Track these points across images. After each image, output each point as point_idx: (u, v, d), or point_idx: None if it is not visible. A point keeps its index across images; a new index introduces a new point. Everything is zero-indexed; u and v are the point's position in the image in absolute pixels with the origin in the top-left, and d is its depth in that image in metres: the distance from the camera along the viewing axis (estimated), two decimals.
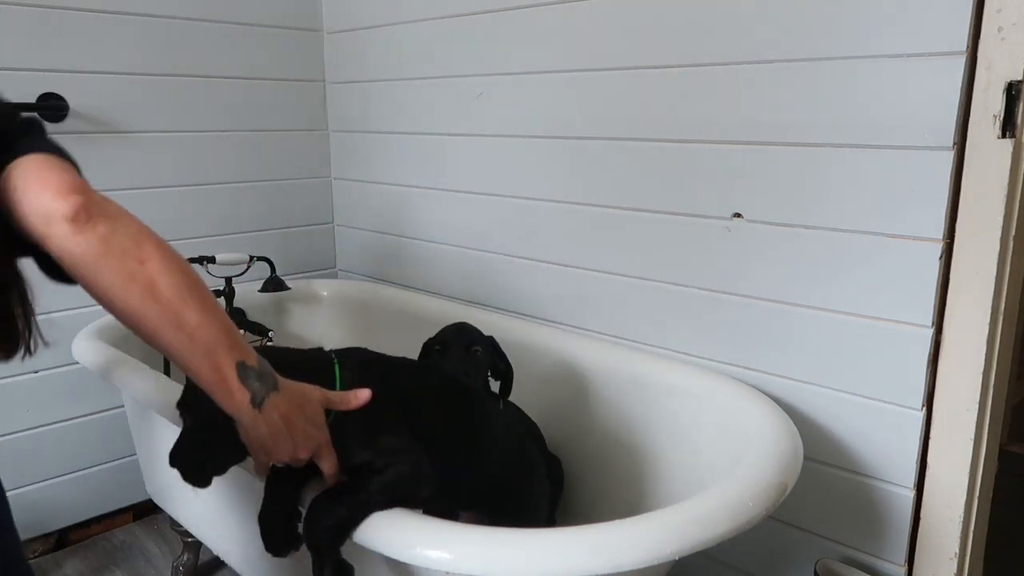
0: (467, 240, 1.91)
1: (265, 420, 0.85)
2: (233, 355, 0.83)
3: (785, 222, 1.33)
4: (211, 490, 1.34)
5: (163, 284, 0.78)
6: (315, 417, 0.91)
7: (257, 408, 0.84)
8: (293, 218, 2.26)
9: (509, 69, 1.73)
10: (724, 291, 1.42)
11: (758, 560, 1.45)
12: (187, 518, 1.61)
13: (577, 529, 0.89)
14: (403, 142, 2.05)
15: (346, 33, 2.16)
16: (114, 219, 0.77)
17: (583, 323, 1.68)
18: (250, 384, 0.84)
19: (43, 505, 1.89)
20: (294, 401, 0.89)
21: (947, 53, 1.11)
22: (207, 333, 0.81)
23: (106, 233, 0.76)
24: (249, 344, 0.87)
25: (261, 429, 0.86)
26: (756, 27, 1.31)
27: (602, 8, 1.53)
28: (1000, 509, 1.32)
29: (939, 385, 1.21)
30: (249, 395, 0.84)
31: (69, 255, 0.75)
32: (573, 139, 1.63)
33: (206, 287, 0.83)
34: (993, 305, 1.14)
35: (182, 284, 0.79)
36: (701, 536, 0.89)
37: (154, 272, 0.78)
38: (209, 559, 1.80)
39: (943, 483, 1.22)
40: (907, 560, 1.29)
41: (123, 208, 0.79)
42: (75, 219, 0.74)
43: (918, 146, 1.16)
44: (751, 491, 0.97)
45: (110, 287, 0.77)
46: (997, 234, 1.11)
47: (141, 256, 0.77)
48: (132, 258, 0.77)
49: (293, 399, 0.89)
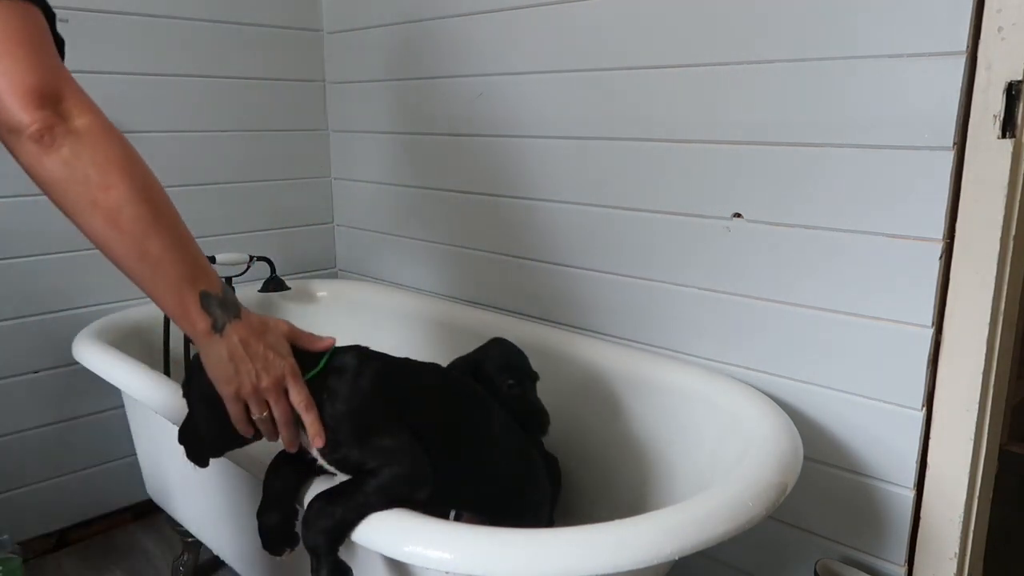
0: (467, 240, 1.91)
1: (226, 343, 0.86)
2: (197, 285, 0.83)
3: (785, 222, 1.33)
4: (211, 490, 1.33)
5: (127, 214, 0.77)
6: (277, 344, 0.91)
7: (218, 333, 0.85)
8: (293, 218, 2.26)
9: (509, 69, 1.73)
10: (724, 291, 1.42)
11: (758, 560, 1.45)
12: (187, 518, 1.61)
13: (577, 529, 0.89)
14: (403, 142, 2.05)
15: (346, 33, 2.16)
16: (82, 139, 0.74)
17: (583, 323, 1.68)
18: (212, 311, 0.84)
19: (43, 505, 1.89)
20: (255, 328, 0.89)
21: (947, 53, 1.11)
22: (170, 264, 0.80)
23: (70, 158, 0.74)
24: (215, 273, 0.87)
25: (221, 352, 0.86)
26: (756, 27, 1.31)
27: (602, 8, 1.53)
28: (1000, 509, 1.32)
29: (939, 385, 1.21)
30: (210, 321, 0.84)
31: (34, 173, 0.74)
32: (573, 139, 1.63)
33: (175, 217, 0.82)
34: (993, 305, 1.14)
35: (147, 214, 0.78)
36: (701, 536, 0.89)
37: (118, 201, 0.76)
38: (209, 559, 1.80)
39: (943, 483, 1.22)
40: (907, 560, 1.29)
41: (97, 119, 0.77)
42: (40, 140, 0.72)
43: (918, 146, 1.16)
44: (751, 491, 0.97)
45: (73, 212, 0.76)
46: (997, 234, 1.11)
47: (106, 183, 0.76)
48: (96, 185, 0.75)
49: (254, 326, 0.89)
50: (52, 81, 0.74)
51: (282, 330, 0.93)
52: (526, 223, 1.76)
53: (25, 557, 1.77)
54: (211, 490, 1.38)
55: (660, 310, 1.53)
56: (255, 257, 1.90)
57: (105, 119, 0.78)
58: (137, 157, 0.80)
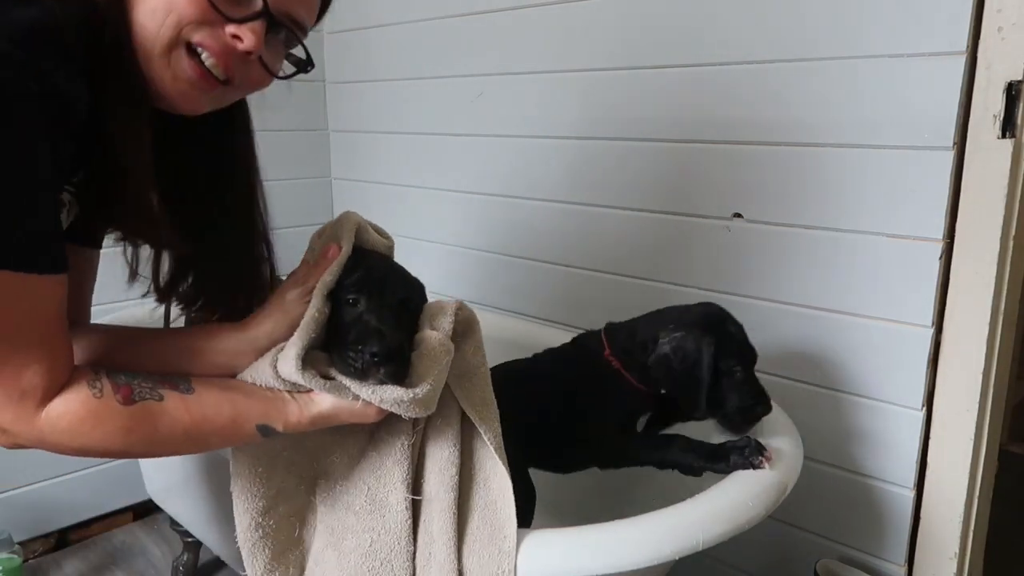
0: (467, 240, 1.91)
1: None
2: (253, 423, 0.83)
3: (785, 222, 1.33)
4: (211, 490, 1.33)
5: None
6: None
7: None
8: (293, 218, 2.26)
9: (508, 69, 1.72)
10: (724, 291, 1.42)
11: (758, 560, 1.45)
12: (187, 518, 1.61)
13: (577, 529, 0.89)
14: (403, 142, 2.05)
15: (346, 33, 2.16)
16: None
17: (583, 323, 1.68)
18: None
19: (43, 505, 1.88)
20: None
21: (947, 53, 1.11)
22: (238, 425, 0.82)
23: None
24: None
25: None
26: (756, 27, 1.31)
27: (602, 8, 1.53)
28: (1000, 509, 1.32)
29: (939, 385, 1.21)
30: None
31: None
32: (573, 139, 1.63)
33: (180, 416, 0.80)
34: (993, 305, 1.14)
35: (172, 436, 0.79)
36: (701, 536, 0.89)
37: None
38: (209, 559, 1.80)
39: (943, 483, 1.22)
40: (907, 560, 1.29)
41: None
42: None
43: (918, 146, 1.16)
44: (751, 491, 0.97)
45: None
46: (997, 234, 1.11)
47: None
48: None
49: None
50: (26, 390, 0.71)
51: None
52: (526, 223, 1.76)
53: (25, 557, 1.77)
54: (211, 490, 1.38)
55: None
56: None
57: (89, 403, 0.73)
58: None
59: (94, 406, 0.72)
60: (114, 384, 0.75)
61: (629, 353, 1.13)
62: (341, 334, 0.87)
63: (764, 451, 1.00)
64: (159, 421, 0.76)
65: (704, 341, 1.06)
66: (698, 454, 1.04)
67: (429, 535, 0.89)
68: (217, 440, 0.82)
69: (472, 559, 0.87)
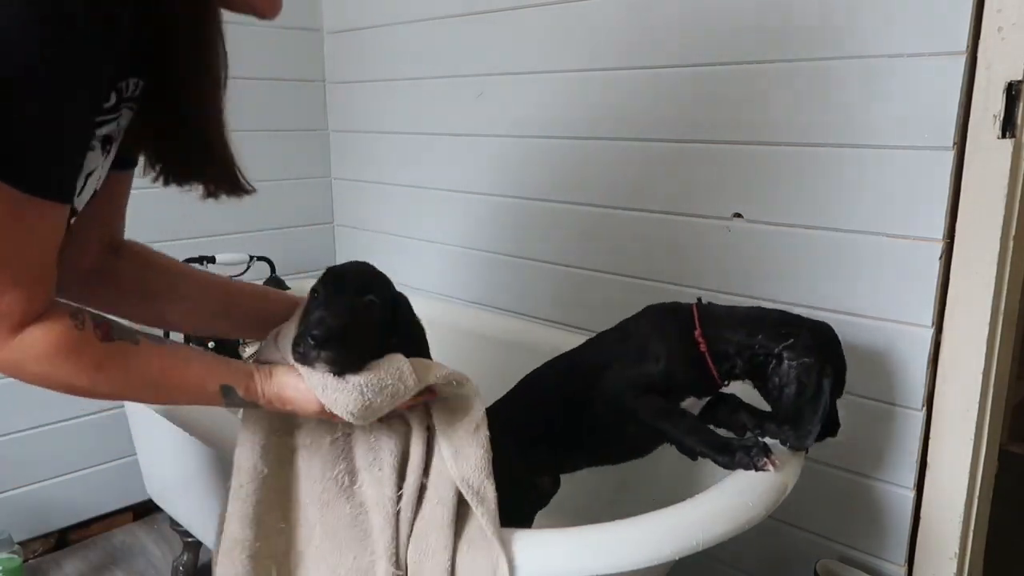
0: (467, 240, 1.91)
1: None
2: (217, 382, 0.84)
3: (785, 222, 1.33)
4: (211, 490, 1.33)
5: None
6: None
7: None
8: (293, 218, 2.26)
9: (509, 69, 1.73)
10: (724, 291, 1.42)
11: (758, 560, 1.45)
12: (187, 518, 1.61)
13: (577, 529, 0.90)
14: (403, 142, 2.05)
15: (346, 33, 2.16)
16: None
17: (583, 323, 1.68)
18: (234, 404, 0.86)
19: (43, 505, 1.89)
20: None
21: (947, 53, 1.11)
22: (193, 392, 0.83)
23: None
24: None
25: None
26: (756, 27, 1.31)
27: (601, 8, 1.53)
28: (1000, 509, 1.32)
29: (939, 385, 1.21)
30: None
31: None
32: (573, 139, 1.63)
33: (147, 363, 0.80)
34: (993, 305, 1.14)
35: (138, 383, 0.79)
36: (701, 536, 0.90)
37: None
38: (209, 559, 1.79)
39: (943, 483, 1.22)
40: (907, 560, 1.29)
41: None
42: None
43: (918, 146, 1.16)
44: (751, 491, 0.97)
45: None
46: (997, 234, 1.11)
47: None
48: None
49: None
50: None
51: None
52: (526, 223, 1.76)
53: (25, 557, 1.77)
54: (211, 490, 1.38)
55: None
56: (255, 257, 1.90)
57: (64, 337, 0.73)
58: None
59: (74, 336, 0.72)
60: (94, 321, 0.75)
61: (720, 341, 1.09)
62: (300, 323, 0.90)
63: (770, 454, 0.99)
64: (130, 363, 0.77)
65: (826, 371, 1.05)
66: (702, 440, 1.03)
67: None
68: (181, 394, 0.82)
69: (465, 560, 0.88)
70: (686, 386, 1.11)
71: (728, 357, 1.09)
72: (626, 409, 1.10)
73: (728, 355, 1.08)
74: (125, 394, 0.83)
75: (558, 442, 1.21)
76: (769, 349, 1.06)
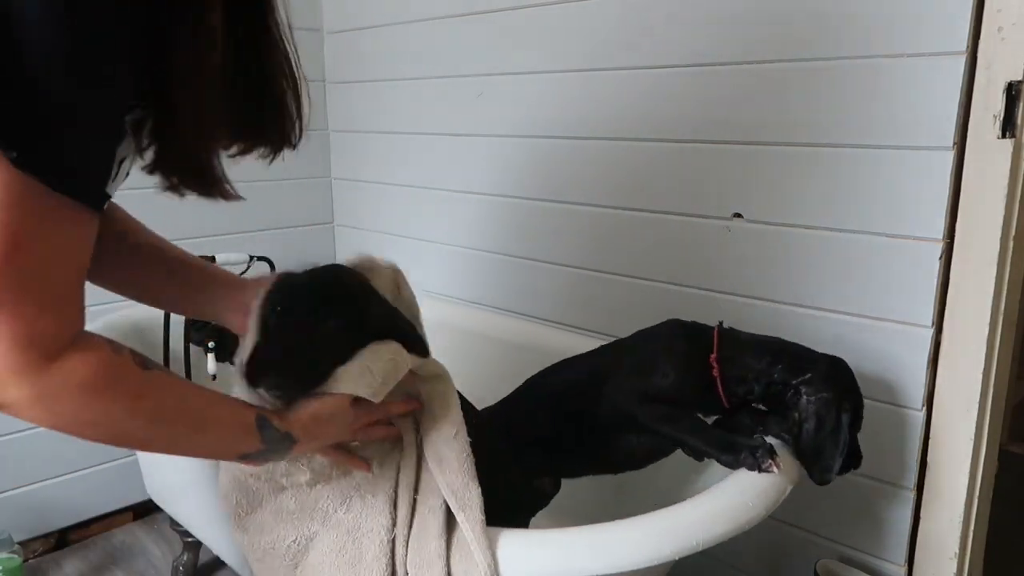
0: (467, 240, 1.91)
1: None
2: (252, 412, 0.82)
3: (785, 222, 1.33)
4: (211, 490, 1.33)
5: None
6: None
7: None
8: (293, 218, 2.26)
9: (509, 69, 1.72)
10: (724, 291, 1.42)
11: (758, 560, 1.45)
12: (187, 518, 1.61)
13: (577, 529, 0.89)
14: (403, 142, 2.05)
15: (346, 33, 2.16)
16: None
17: (583, 323, 1.68)
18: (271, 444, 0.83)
19: (43, 505, 1.89)
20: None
21: (947, 53, 1.11)
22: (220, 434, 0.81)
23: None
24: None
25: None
26: (756, 27, 1.31)
27: (602, 8, 1.53)
28: (1000, 509, 1.32)
29: (939, 385, 1.21)
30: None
31: None
32: (573, 139, 1.63)
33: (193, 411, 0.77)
34: (993, 305, 1.14)
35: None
36: (701, 536, 0.90)
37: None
38: (209, 559, 1.80)
39: (943, 483, 1.22)
40: (907, 560, 1.29)
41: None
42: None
43: (918, 146, 1.16)
44: (751, 491, 0.97)
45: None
46: (997, 234, 1.11)
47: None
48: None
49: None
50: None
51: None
52: (526, 223, 1.76)
53: (25, 557, 1.77)
54: (211, 490, 1.38)
55: (660, 310, 1.53)
56: (255, 257, 1.90)
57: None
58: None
59: (115, 362, 0.66)
60: (131, 349, 0.69)
61: (737, 366, 1.10)
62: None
63: (775, 456, 0.99)
64: (168, 393, 0.72)
65: (844, 406, 1.05)
66: (708, 441, 1.04)
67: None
68: (215, 427, 0.78)
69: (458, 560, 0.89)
70: (692, 405, 1.12)
71: (744, 382, 1.09)
72: (628, 414, 1.10)
73: (744, 380, 1.09)
74: (161, 430, 0.74)
75: (558, 446, 1.22)
76: (787, 381, 1.07)
